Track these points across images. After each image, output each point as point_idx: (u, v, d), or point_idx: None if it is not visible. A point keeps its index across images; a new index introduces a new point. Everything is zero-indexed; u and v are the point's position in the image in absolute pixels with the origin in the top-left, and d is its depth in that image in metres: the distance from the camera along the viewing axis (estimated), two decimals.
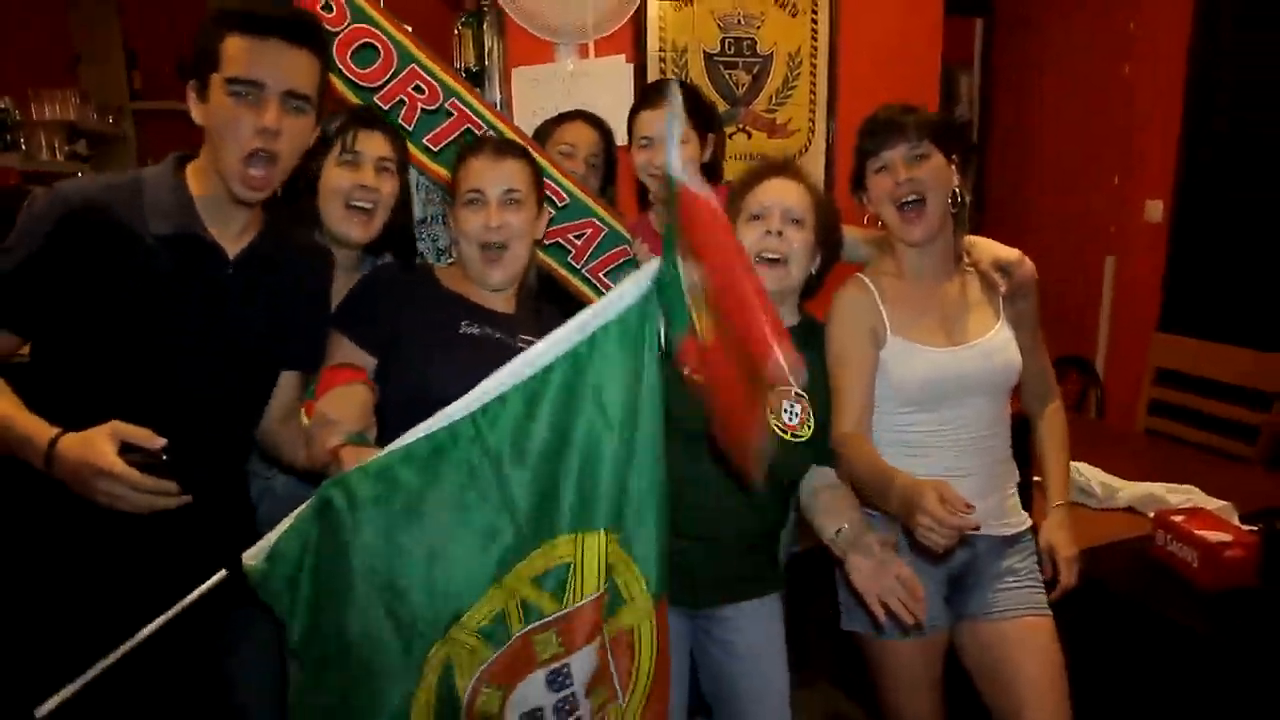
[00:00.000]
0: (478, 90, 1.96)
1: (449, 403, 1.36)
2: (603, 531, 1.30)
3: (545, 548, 1.27)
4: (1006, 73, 4.53)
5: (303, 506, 1.20)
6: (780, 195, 1.67)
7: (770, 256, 1.64)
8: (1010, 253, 1.75)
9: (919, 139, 1.64)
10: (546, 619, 1.28)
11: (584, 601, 1.30)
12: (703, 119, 2.14)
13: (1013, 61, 4.48)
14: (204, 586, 1.20)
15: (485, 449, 1.23)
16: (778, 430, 1.62)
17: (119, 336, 1.36)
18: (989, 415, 1.70)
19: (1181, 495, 2.04)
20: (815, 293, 1.78)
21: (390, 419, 1.52)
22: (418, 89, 1.88)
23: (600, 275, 2.09)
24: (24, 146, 3.95)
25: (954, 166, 1.68)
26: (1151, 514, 1.95)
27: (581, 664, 1.31)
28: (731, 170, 3.06)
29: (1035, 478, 1.89)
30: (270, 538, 1.20)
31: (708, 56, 3.00)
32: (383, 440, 1.48)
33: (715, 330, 1.22)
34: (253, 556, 1.20)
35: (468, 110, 1.92)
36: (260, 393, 1.54)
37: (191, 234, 1.39)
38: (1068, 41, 4.10)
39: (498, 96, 2.86)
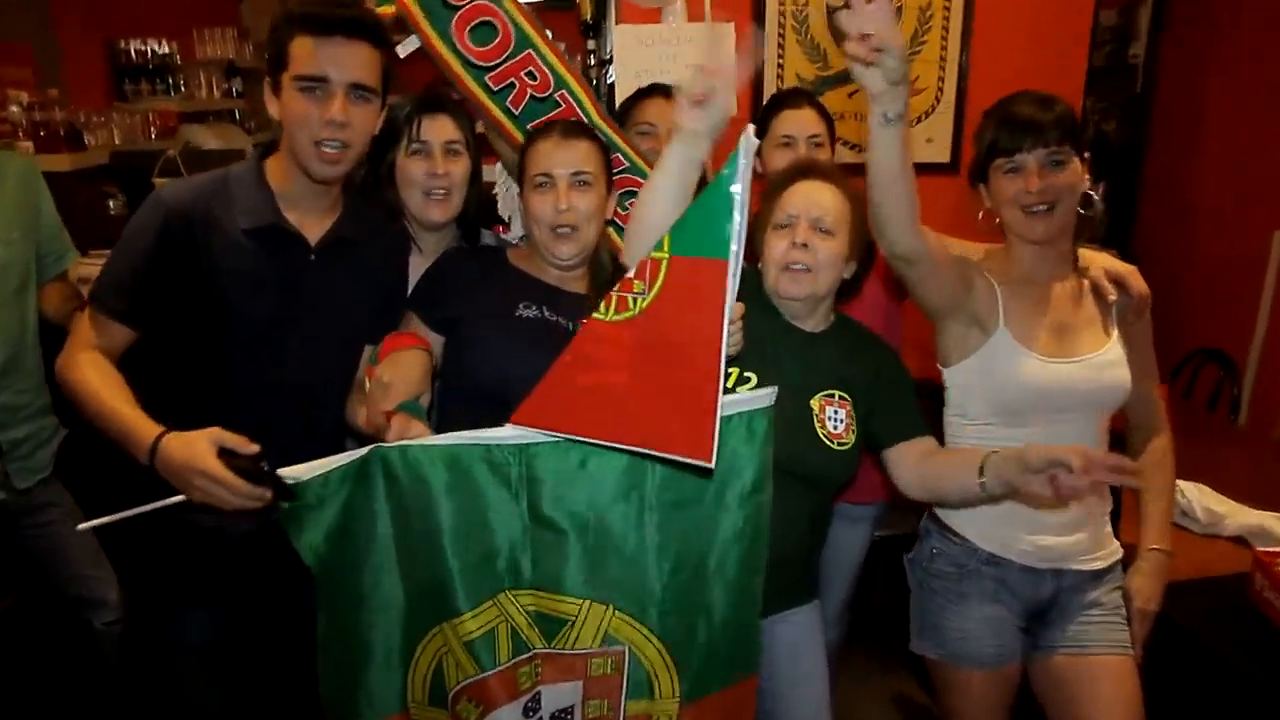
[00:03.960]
0: (588, 85, 1.93)
1: (496, 384, 1.44)
2: (611, 607, 1.33)
3: (550, 596, 1.31)
4: (1181, 8, 4.06)
5: (346, 460, 1.25)
6: (809, 202, 1.58)
7: (796, 267, 1.58)
8: (1124, 265, 1.65)
9: (1059, 142, 1.51)
10: (534, 652, 1.32)
11: (575, 652, 1.34)
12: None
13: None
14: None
15: (525, 482, 1.27)
16: (824, 439, 1.59)
17: (216, 326, 1.49)
18: (1088, 437, 1.60)
19: None
20: (851, 297, 1.72)
21: (447, 398, 1.61)
22: (530, 75, 1.87)
23: None
24: (183, 88, 4.23)
25: (1085, 166, 1.56)
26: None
27: (551, 696, 1.35)
28: (847, 129, 2.95)
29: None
30: (310, 470, 1.24)
31: (830, 10, 2.85)
32: (443, 416, 1.59)
33: (646, 319, 1.23)
34: (287, 477, 1.24)
35: (575, 104, 1.91)
36: (350, 368, 1.64)
37: (273, 225, 1.50)
38: None
39: (612, 51, 2.84)
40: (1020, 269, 1.63)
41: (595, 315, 1.28)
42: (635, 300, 1.26)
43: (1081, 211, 1.58)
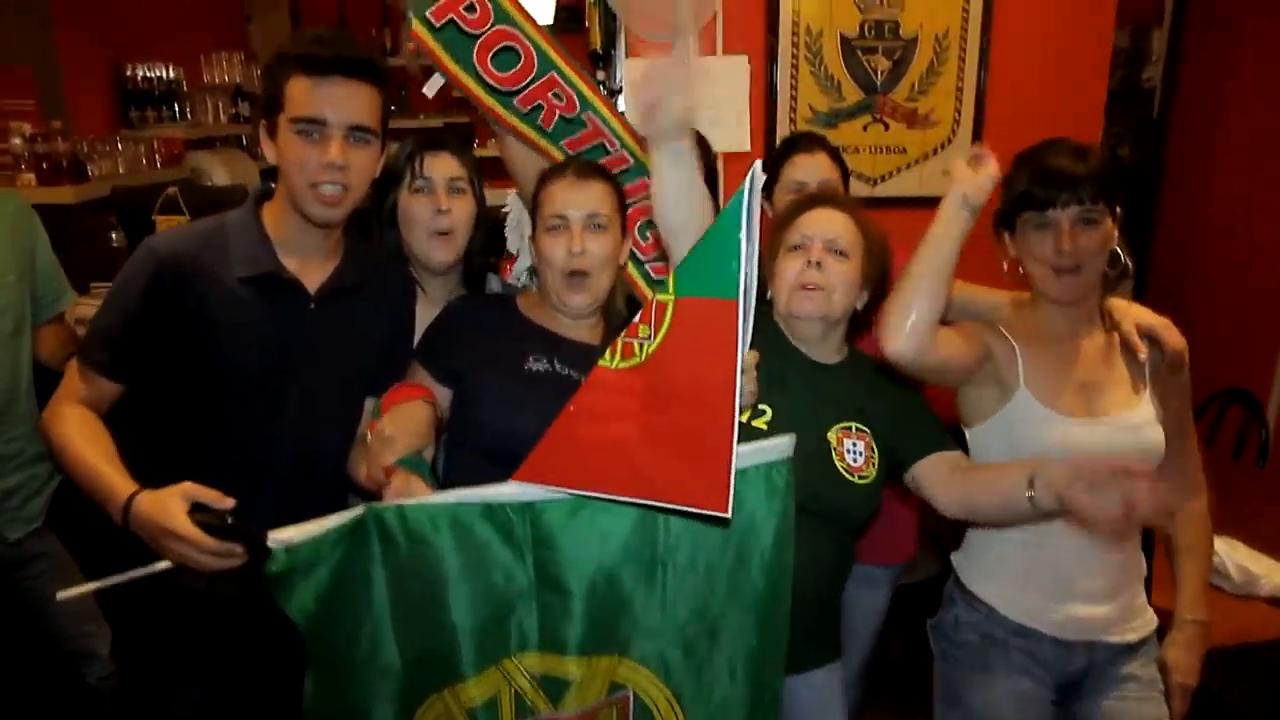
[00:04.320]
0: (613, 104, 1.91)
1: (502, 439, 1.40)
2: (618, 656, 1.28)
3: (555, 658, 1.25)
4: (1198, 33, 3.99)
5: (340, 521, 1.20)
6: (822, 226, 1.56)
7: (810, 286, 1.53)
8: (1157, 318, 1.57)
9: (1094, 199, 1.45)
10: (540, 717, 1.27)
11: (582, 712, 1.28)
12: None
13: (1206, 20, 3.93)
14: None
15: (530, 541, 1.22)
16: (844, 473, 1.53)
17: (211, 378, 1.43)
18: None
19: None
20: (861, 333, 1.67)
21: (454, 451, 1.56)
22: (557, 96, 1.84)
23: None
24: (190, 114, 4.19)
25: (1117, 223, 1.50)
26: None
27: None
28: (861, 162, 2.90)
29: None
30: (303, 533, 1.18)
31: (844, 41, 2.79)
32: (449, 470, 1.54)
33: (654, 365, 1.17)
34: (279, 541, 1.17)
35: (601, 125, 1.87)
36: (351, 421, 1.58)
37: (271, 273, 1.44)
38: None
39: (622, 81, 2.79)
40: (1045, 325, 1.56)
41: (601, 363, 1.22)
42: (641, 346, 1.20)
43: (1108, 272, 1.52)
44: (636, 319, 1.21)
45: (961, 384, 1.57)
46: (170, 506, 1.22)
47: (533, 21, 1.81)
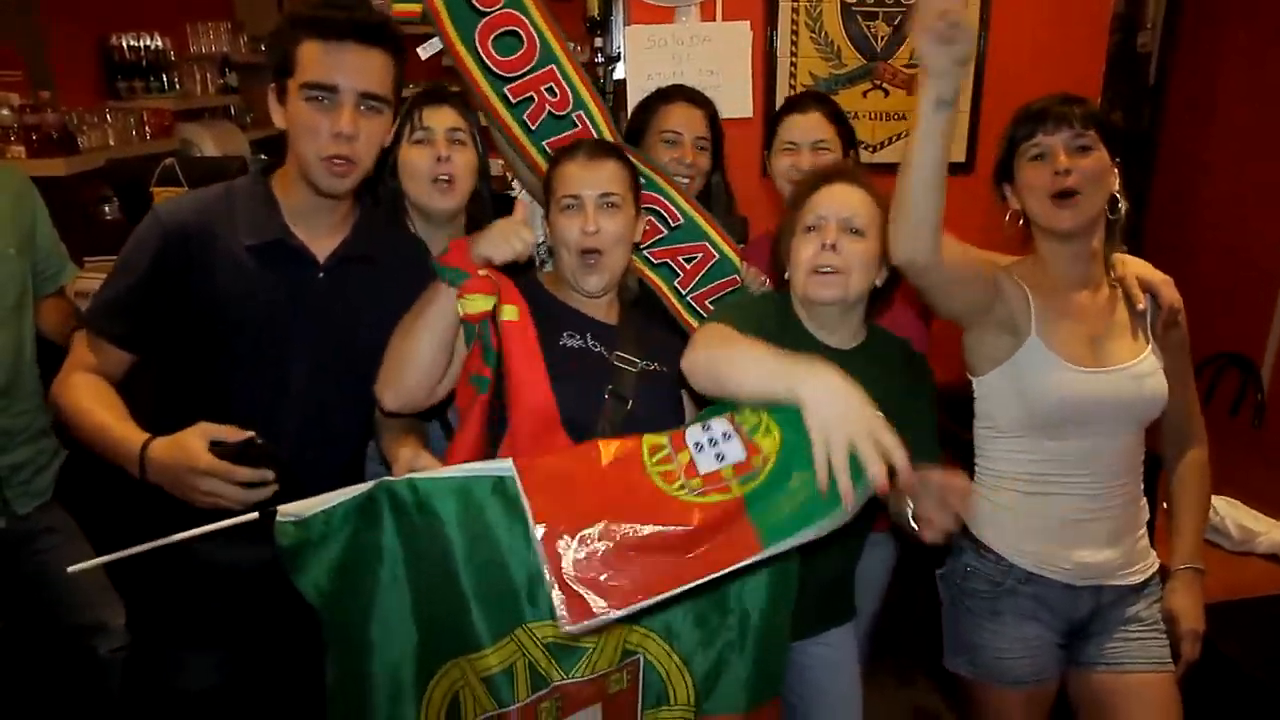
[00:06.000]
0: (607, 109, 1.86)
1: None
2: (627, 624, 1.30)
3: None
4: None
5: (350, 494, 1.21)
6: (837, 204, 1.53)
7: (826, 270, 1.52)
8: (1158, 274, 1.61)
9: (1084, 128, 1.48)
10: (554, 686, 1.28)
11: (594, 676, 1.30)
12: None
13: None
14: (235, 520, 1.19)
15: None
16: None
17: (218, 347, 1.43)
18: (1127, 450, 1.57)
19: None
20: (881, 309, 1.67)
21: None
22: (550, 90, 1.79)
23: (705, 303, 1.97)
24: (178, 85, 4.12)
25: (1116, 170, 1.52)
26: None
27: None
28: (861, 128, 2.88)
29: (1163, 503, 1.73)
30: (312, 507, 1.19)
31: (844, 7, 2.77)
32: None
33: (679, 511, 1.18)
34: (288, 514, 1.18)
35: (591, 127, 1.83)
36: (365, 393, 1.56)
37: (278, 241, 1.43)
38: None
39: (619, 49, 2.77)
40: (1051, 274, 1.57)
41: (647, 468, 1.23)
42: (682, 486, 1.20)
43: (1110, 216, 1.54)
44: (700, 474, 1.21)
45: (971, 320, 1.58)
46: (190, 445, 1.23)
47: (544, 13, 1.76)
